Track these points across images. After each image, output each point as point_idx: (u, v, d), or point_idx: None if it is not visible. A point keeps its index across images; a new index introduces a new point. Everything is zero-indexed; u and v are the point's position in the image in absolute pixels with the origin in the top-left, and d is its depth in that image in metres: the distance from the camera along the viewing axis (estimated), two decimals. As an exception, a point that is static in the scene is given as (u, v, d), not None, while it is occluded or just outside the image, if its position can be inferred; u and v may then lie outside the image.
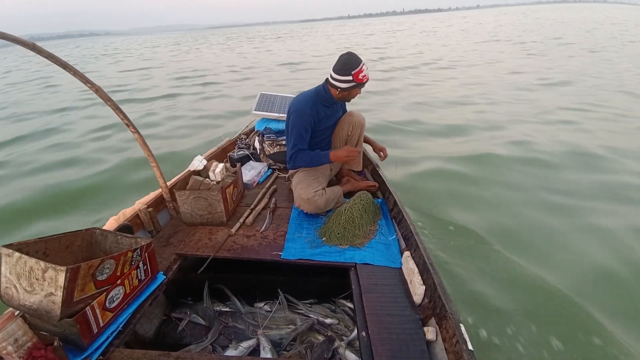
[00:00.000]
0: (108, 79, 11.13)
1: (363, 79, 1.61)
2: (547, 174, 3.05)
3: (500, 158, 3.37)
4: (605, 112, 4.79)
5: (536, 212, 2.47)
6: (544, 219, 2.39)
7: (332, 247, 1.45)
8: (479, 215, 2.46)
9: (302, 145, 1.75)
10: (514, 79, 7.24)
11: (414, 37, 21.20)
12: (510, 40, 15.47)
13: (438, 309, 1.03)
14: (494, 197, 2.72)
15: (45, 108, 7.32)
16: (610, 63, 8.50)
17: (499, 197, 2.70)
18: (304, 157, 1.77)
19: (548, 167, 3.18)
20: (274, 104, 2.69)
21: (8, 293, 0.90)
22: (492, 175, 3.06)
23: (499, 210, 2.54)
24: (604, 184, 2.85)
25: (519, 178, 3.00)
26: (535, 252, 2.08)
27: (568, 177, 2.97)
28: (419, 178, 3.09)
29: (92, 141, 4.87)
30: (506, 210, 2.53)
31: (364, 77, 1.61)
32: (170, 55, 19.40)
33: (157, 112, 6.31)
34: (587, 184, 2.84)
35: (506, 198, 2.69)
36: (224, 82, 9.17)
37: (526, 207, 2.54)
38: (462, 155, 3.50)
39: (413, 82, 7.58)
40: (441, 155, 3.56)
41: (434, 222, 2.38)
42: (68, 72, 1.17)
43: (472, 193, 2.80)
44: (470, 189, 2.87)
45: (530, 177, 3.01)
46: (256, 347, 1.26)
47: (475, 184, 2.94)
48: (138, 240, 1.15)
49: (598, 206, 2.54)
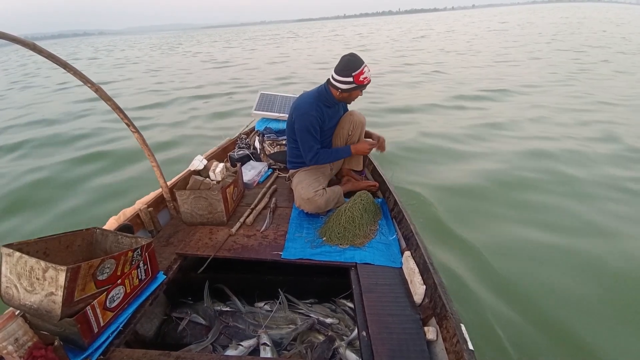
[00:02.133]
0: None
1: (364, 81, 1.60)
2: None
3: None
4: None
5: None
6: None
7: (332, 246, 1.45)
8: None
9: (318, 145, 1.76)
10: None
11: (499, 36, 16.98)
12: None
13: (438, 308, 1.03)
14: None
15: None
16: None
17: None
18: (325, 155, 1.78)
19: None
20: (274, 103, 2.69)
21: (8, 293, 0.90)
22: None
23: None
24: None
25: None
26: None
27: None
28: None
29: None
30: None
31: (365, 79, 1.60)
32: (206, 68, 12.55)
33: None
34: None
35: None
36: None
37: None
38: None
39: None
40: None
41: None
42: (68, 71, 1.17)
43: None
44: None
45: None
46: (256, 347, 1.26)
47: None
48: (138, 240, 1.15)
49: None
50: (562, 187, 2.76)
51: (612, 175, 2.92)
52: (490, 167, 3.19)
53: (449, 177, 3.06)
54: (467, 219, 2.40)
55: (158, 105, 6.76)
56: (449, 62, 9.75)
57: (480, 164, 3.29)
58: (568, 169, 3.04)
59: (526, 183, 2.86)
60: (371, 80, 1.66)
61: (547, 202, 2.55)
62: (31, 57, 23.95)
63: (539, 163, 3.19)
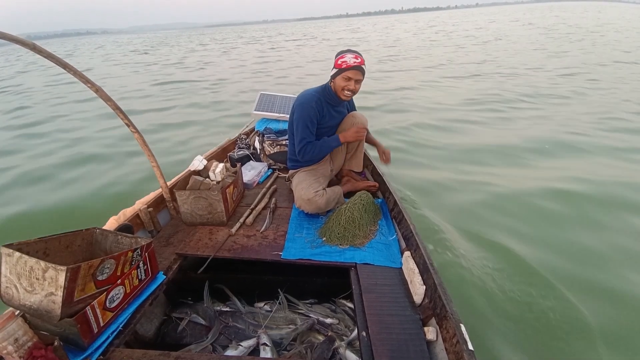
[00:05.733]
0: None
1: (342, 65, 1.63)
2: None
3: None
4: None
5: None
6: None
7: (332, 247, 1.45)
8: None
9: (309, 138, 1.75)
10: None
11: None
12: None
13: (438, 309, 1.03)
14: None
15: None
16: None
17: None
18: (313, 149, 1.77)
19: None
20: (274, 104, 2.69)
21: (8, 293, 0.90)
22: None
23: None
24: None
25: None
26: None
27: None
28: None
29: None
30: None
31: (343, 63, 1.62)
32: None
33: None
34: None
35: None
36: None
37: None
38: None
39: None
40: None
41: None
42: (68, 71, 1.17)
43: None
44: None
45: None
46: (256, 347, 1.25)
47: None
48: (138, 240, 1.15)
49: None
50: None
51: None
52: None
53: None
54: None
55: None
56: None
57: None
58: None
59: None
60: (354, 67, 1.59)
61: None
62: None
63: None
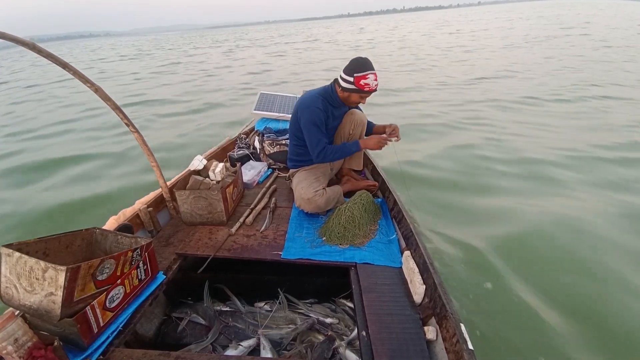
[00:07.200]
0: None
1: (363, 87, 1.57)
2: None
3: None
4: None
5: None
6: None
7: (332, 246, 1.45)
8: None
9: (326, 139, 1.71)
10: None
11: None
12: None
13: (438, 308, 1.03)
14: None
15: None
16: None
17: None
18: (333, 153, 1.71)
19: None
20: (274, 103, 2.69)
21: (8, 293, 0.90)
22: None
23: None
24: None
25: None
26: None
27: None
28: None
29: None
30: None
31: (365, 85, 1.56)
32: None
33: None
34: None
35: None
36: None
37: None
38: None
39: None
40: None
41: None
42: (68, 71, 1.17)
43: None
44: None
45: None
46: (256, 347, 1.26)
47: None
48: (138, 240, 1.15)
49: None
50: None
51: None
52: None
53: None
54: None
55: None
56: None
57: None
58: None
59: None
60: (375, 90, 1.59)
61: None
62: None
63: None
